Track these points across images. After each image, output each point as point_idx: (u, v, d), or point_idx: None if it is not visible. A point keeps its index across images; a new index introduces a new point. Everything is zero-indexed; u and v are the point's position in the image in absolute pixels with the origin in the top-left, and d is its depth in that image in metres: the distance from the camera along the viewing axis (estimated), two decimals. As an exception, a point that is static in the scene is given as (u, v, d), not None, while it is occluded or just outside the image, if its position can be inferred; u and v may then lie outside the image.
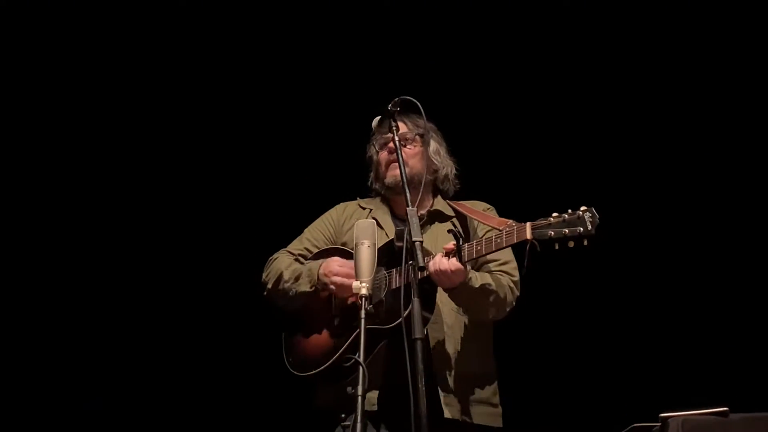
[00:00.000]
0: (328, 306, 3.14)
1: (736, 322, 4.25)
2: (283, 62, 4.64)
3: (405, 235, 2.72)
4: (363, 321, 2.52)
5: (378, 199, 3.37)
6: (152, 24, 4.52)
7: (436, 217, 3.26)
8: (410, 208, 2.76)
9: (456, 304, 3.07)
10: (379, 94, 4.20)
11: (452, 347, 3.08)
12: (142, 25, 4.51)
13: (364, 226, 2.67)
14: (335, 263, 3.08)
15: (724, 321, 4.26)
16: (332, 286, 3.05)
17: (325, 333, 3.10)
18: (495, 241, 2.84)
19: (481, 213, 3.17)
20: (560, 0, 4.46)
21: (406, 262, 2.74)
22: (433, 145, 3.27)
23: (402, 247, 2.75)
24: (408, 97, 3.02)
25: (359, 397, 2.41)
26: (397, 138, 3.01)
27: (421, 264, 2.63)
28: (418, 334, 2.56)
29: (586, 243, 2.75)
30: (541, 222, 2.78)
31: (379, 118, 3.11)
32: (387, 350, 2.90)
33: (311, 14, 4.55)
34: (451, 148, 3.38)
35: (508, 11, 4.50)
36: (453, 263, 2.84)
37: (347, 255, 3.11)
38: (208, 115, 4.65)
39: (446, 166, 3.31)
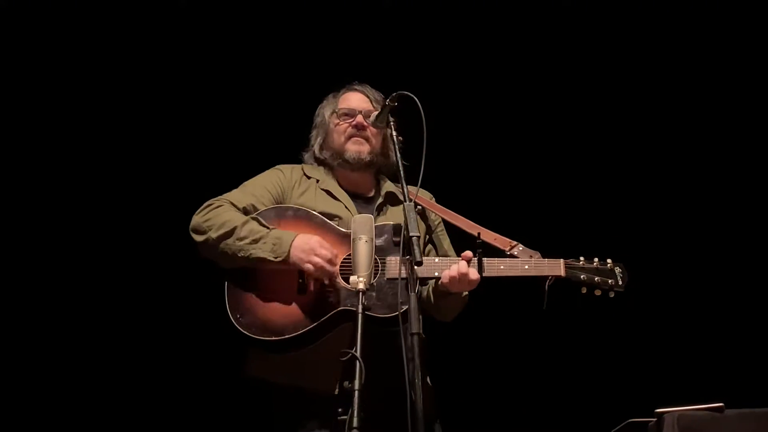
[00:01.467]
0: (295, 272, 2.89)
1: (731, 319, 4.27)
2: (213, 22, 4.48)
3: (402, 231, 2.68)
4: (360, 316, 2.49)
5: (321, 170, 3.19)
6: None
7: (390, 199, 3.15)
8: (407, 203, 2.72)
9: (438, 305, 3.04)
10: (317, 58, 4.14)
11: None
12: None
13: (361, 221, 2.65)
14: (317, 242, 2.83)
15: (719, 317, 4.27)
16: (310, 266, 2.80)
17: (290, 300, 2.86)
18: (522, 267, 2.88)
19: (468, 221, 3.08)
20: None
21: (403, 256, 2.67)
22: (387, 130, 3.11)
23: (399, 242, 2.71)
24: (406, 92, 2.97)
25: (356, 392, 2.39)
26: (394, 133, 2.97)
27: (419, 259, 2.59)
28: (414, 329, 2.53)
29: (612, 295, 2.87)
30: (574, 263, 2.89)
31: (377, 113, 3.06)
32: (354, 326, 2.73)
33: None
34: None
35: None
36: (474, 273, 2.83)
37: (309, 217, 2.97)
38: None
39: (396, 151, 3.08)
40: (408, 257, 2.64)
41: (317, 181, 3.15)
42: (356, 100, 3.22)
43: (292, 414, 2.87)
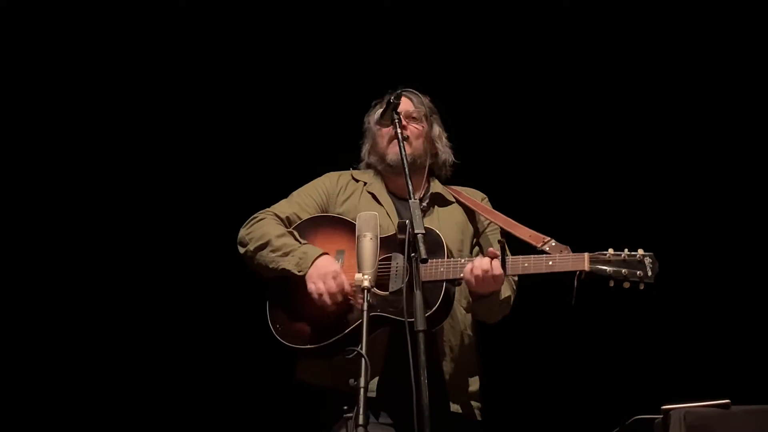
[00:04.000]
0: None
1: (737, 315, 4.26)
2: (264, 26, 4.54)
3: (407, 228, 2.67)
4: (366, 314, 2.50)
5: (371, 173, 3.26)
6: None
7: (437, 200, 3.19)
8: (412, 200, 2.73)
9: (475, 310, 3.07)
10: (369, 62, 4.20)
11: (459, 342, 3.07)
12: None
13: (366, 218, 2.66)
14: (333, 271, 2.88)
15: (725, 313, 4.26)
16: (312, 287, 2.88)
17: (325, 308, 2.92)
18: (545, 263, 2.82)
19: (506, 218, 3.08)
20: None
21: (409, 255, 2.67)
22: (436, 128, 3.22)
23: (404, 240, 2.68)
24: (409, 89, 3.03)
25: (362, 389, 2.40)
26: (399, 130, 2.98)
27: (424, 256, 2.60)
28: (420, 326, 2.53)
29: (642, 287, 2.78)
30: (599, 256, 2.80)
31: (381, 110, 3.09)
32: (389, 337, 2.86)
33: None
34: (450, 135, 3.31)
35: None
36: (497, 268, 2.80)
37: (347, 226, 3.02)
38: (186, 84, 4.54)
39: (445, 152, 3.25)
40: (414, 255, 2.63)
41: (364, 183, 3.21)
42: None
43: (334, 415, 2.88)
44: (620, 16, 4.45)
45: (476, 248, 3.19)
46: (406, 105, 3.18)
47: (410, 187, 2.80)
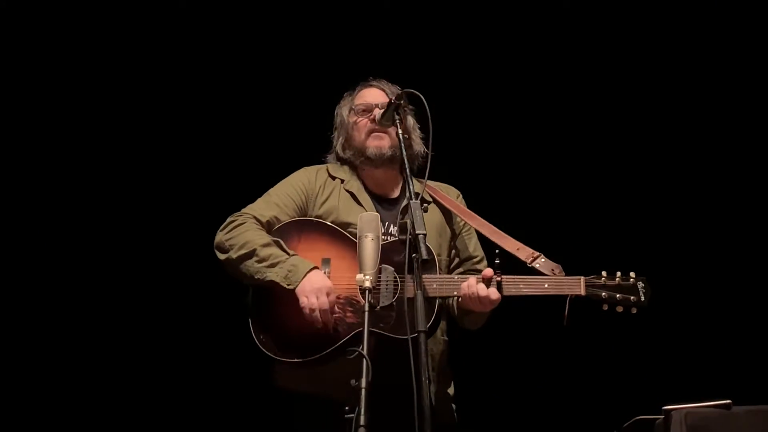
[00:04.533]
0: None
1: (739, 316, 4.26)
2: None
3: (408, 228, 2.65)
4: (367, 314, 2.49)
5: (347, 168, 3.20)
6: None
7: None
8: (414, 201, 2.71)
9: (461, 318, 3.06)
10: (336, 52, 4.20)
11: (438, 350, 3.07)
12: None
13: (368, 219, 2.64)
14: (325, 287, 2.83)
15: (727, 314, 4.26)
16: (305, 302, 2.82)
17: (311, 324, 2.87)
18: (542, 286, 2.85)
19: (492, 228, 3.06)
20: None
21: (410, 255, 2.65)
22: (410, 119, 3.18)
23: (405, 240, 2.66)
24: (412, 90, 2.98)
25: (363, 390, 2.38)
26: (400, 131, 2.97)
27: (425, 257, 2.59)
28: (421, 327, 2.52)
29: (634, 311, 2.83)
30: (595, 280, 2.84)
31: (382, 111, 3.07)
32: (375, 351, 2.69)
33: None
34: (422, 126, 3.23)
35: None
36: (494, 293, 2.82)
37: (331, 232, 3.00)
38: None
39: (418, 143, 3.19)
40: (415, 255, 2.62)
41: (342, 181, 3.15)
42: (372, 95, 3.21)
43: (317, 421, 2.88)
44: (614, 13, 4.44)
45: (453, 251, 3.17)
46: (379, 97, 3.16)
47: (411, 188, 2.79)
